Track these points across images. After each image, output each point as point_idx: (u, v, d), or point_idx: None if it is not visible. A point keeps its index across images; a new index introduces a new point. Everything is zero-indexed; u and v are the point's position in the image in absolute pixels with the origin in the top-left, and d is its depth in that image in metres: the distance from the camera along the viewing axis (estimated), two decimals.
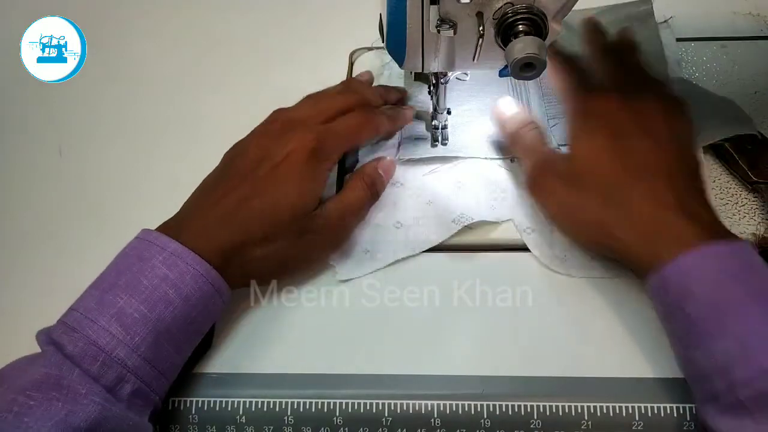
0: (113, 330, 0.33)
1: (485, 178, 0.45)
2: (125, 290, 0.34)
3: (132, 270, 0.35)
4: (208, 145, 0.49)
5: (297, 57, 0.53)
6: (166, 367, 0.35)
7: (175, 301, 0.35)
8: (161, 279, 0.35)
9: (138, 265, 0.35)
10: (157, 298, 0.34)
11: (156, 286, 0.34)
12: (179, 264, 0.35)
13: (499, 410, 0.37)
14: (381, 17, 0.39)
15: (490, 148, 0.46)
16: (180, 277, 0.35)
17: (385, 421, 0.37)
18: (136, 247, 0.37)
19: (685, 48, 0.51)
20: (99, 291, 0.35)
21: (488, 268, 0.42)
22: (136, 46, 0.55)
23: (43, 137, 0.51)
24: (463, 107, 0.48)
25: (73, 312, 0.34)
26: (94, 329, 0.33)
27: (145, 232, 0.37)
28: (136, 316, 0.34)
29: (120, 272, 0.36)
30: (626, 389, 0.37)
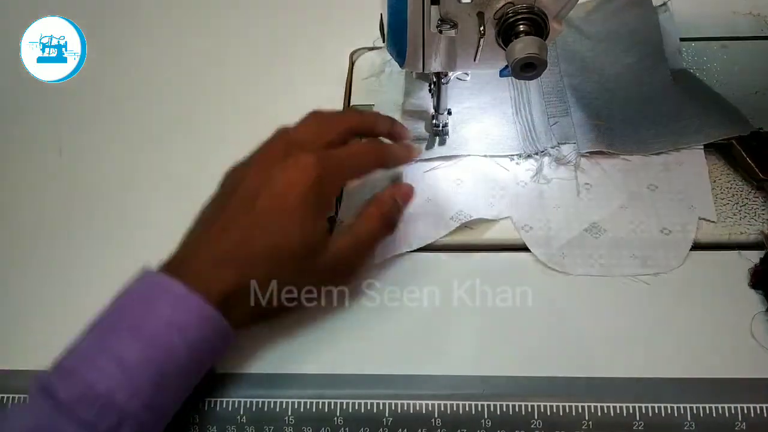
0: (113, 374, 0.31)
1: (484, 176, 0.45)
2: (127, 333, 0.33)
3: (135, 312, 0.34)
4: (208, 145, 0.49)
5: (297, 57, 0.53)
6: (166, 410, 0.34)
7: (179, 347, 0.33)
8: (165, 324, 0.33)
9: (141, 308, 0.34)
10: (161, 343, 0.33)
11: (160, 331, 0.33)
12: (184, 308, 0.34)
13: (500, 410, 0.37)
14: (381, 17, 0.39)
15: (490, 146, 0.46)
16: (185, 322, 0.33)
17: (386, 421, 0.37)
18: (139, 288, 0.35)
19: (686, 48, 0.51)
20: (99, 331, 0.33)
21: (488, 268, 0.42)
22: (136, 46, 0.55)
23: (43, 137, 0.51)
24: (463, 105, 0.48)
25: (70, 353, 0.33)
26: (92, 373, 0.31)
27: (148, 273, 0.36)
28: (138, 362, 0.32)
29: (122, 314, 0.34)
30: (626, 389, 0.37)
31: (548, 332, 0.39)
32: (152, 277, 0.35)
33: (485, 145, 0.46)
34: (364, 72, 0.52)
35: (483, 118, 0.47)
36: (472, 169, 0.45)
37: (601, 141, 0.45)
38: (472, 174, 0.45)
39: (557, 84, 0.49)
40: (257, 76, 0.53)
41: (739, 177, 0.44)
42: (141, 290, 0.35)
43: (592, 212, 0.43)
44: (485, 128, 0.47)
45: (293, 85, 0.52)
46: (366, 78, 0.52)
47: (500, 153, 0.46)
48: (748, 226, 0.42)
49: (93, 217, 0.47)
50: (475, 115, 0.48)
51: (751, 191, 0.43)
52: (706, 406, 0.36)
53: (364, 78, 0.52)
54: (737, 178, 0.44)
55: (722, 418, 0.35)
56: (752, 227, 0.42)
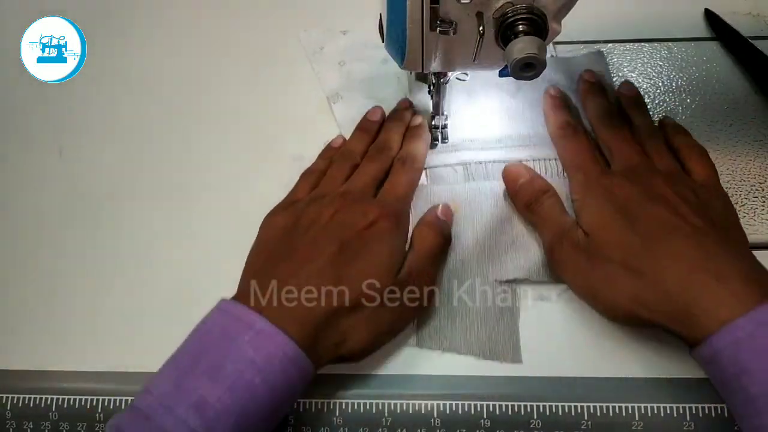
0: (192, 423, 0.29)
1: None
2: (207, 374, 0.31)
3: (215, 350, 0.32)
4: (208, 145, 0.49)
5: (297, 57, 0.53)
6: None
7: (261, 390, 0.31)
8: (247, 364, 0.31)
9: (222, 345, 0.32)
10: (242, 387, 0.31)
11: (241, 373, 0.31)
12: (267, 346, 0.32)
13: (499, 410, 0.37)
14: (381, 17, 0.39)
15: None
16: (267, 362, 0.31)
17: (385, 421, 0.37)
18: (220, 322, 0.33)
19: (685, 48, 0.51)
20: (178, 371, 0.32)
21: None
22: (136, 46, 0.55)
23: (43, 137, 0.51)
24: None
25: (148, 395, 0.31)
26: (170, 421, 0.30)
27: (228, 305, 0.34)
28: (218, 407, 0.30)
29: (202, 351, 0.32)
30: (626, 389, 0.37)
31: (548, 332, 0.39)
32: (233, 309, 0.33)
33: (485, 143, 0.46)
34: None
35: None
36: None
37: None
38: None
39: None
40: (257, 75, 0.53)
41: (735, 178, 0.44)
42: (222, 325, 0.33)
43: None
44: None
45: (293, 84, 0.52)
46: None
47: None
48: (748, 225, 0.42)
49: (93, 217, 0.47)
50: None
51: (751, 189, 0.44)
52: (706, 406, 0.36)
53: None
54: (734, 179, 0.44)
55: (722, 418, 0.36)
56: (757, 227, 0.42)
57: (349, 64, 0.51)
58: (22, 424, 0.38)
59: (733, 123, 0.47)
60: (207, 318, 0.34)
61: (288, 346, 0.32)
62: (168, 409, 0.30)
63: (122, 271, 0.44)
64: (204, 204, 0.46)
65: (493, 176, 0.44)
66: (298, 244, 0.37)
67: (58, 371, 0.40)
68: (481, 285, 0.41)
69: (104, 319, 0.42)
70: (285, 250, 0.37)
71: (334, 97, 0.50)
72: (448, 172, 0.46)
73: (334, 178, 0.43)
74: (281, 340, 0.32)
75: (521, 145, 0.46)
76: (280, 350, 0.32)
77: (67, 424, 0.38)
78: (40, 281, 0.44)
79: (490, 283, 0.40)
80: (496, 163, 0.45)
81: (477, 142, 0.47)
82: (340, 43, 0.53)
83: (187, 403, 0.30)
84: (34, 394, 0.39)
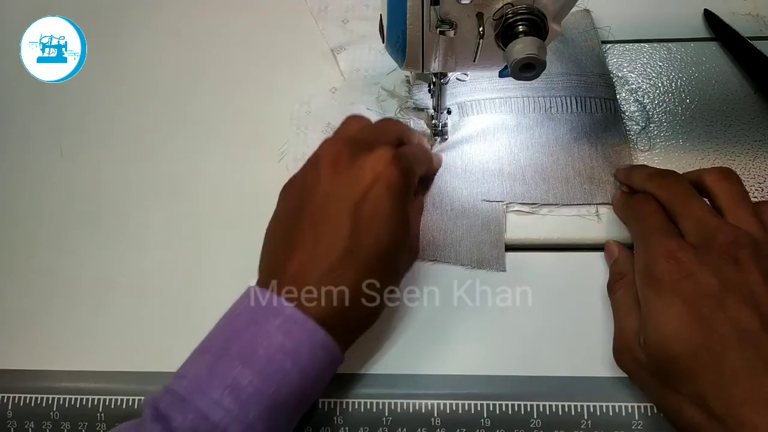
0: (227, 404, 0.30)
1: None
2: (239, 359, 0.31)
3: (245, 335, 0.32)
4: (208, 145, 0.49)
5: (298, 57, 0.53)
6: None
7: (292, 374, 0.32)
8: (277, 348, 0.31)
9: (251, 330, 0.32)
10: (274, 370, 0.31)
11: (272, 357, 0.31)
12: (296, 332, 0.32)
13: (499, 410, 0.37)
14: (381, 18, 0.39)
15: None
16: (297, 346, 0.32)
17: (385, 420, 0.37)
18: (249, 308, 0.33)
19: (685, 48, 0.51)
20: (210, 356, 0.32)
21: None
22: (136, 46, 0.55)
23: (44, 137, 0.51)
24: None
25: (182, 379, 0.32)
26: (206, 402, 0.30)
27: (255, 291, 0.34)
28: (250, 390, 0.31)
29: (232, 336, 0.32)
30: (626, 389, 0.37)
31: (548, 332, 0.39)
32: (261, 294, 0.33)
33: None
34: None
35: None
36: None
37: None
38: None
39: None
40: (257, 75, 0.53)
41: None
42: (250, 310, 0.33)
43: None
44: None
45: (294, 84, 0.52)
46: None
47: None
48: None
49: (93, 217, 0.47)
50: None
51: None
52: None
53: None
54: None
55: None
56: None
57: (352, 22, 0.54)
58: (23, 423, 0.38)
59: (733, 123, 0.47)
60: (236, 305, 0.34)
61: (317, 332, 0.32)
62: (203, 393, 0.30)
63: (123, 271, 0.44)
64: (205, 203, 0.46)
65: (486, 110, 0.47)
66: (307, 221, 0.35)
67: (59, 371, 0.40)
68: (481, 285, 0.41)
69: (104, 318, 0.42)
70: (297, 229, 0.35)
71: (338, 49, 0.53)
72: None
73: (335, 131, 0.40)
74: (309, 327, 0.32)
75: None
76: (309, 335, 0.32)
77: (68, 424, 0.38)
78: (40, 281, 0.44)
79: (490, 282, 0.41)
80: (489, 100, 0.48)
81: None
82: (344, 2, 0.56)
83: (222, 387, 0.30)
84: (35, 394, 0.39)
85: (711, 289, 0.31)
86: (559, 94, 0.48)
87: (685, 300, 0.31)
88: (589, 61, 0.50)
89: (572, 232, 0.43)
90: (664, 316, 0.32)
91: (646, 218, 0.37)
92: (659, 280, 0.33)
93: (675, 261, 0.33)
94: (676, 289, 0.32)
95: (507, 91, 0.48)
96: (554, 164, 0.45)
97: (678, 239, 0.34)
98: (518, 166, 0.45)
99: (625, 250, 0.40)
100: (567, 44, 0.49)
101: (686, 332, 0.31)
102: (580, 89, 0.48)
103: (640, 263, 0.35)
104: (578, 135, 0.46)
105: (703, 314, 0.31)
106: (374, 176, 0.35)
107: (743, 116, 0.47)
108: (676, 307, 0.32)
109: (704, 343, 0.30)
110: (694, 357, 0.30)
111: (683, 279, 0.32)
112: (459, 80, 0.48)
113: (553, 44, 0.48)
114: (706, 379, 0.30)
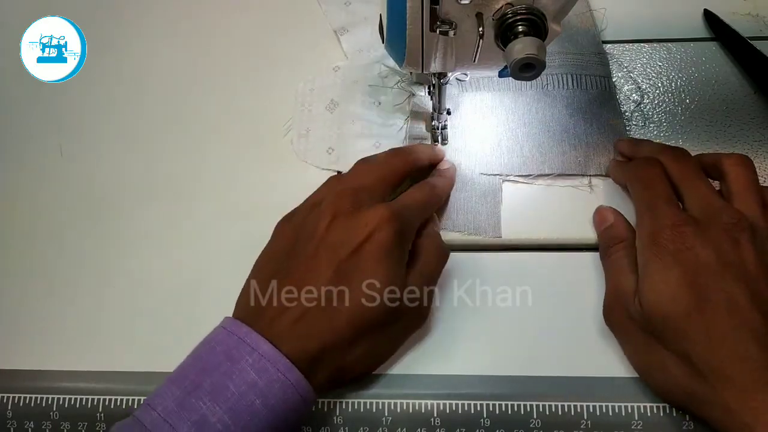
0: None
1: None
2: (210, 395, 0.31)
3: (219, 370, 0.32)
4: (208, 145, 0.49)
5: (298, 57, 0.53)
6: None
7: (261, 413, 0.31)
8: (249, 386, 0.31)
9: (225, 366, 0.32)
10: (243, 408, 0.31)
11: (243, 394, 0.31)
12: (269, 370, 0.32)
13: (499, 410, 0.37)
14: (381, 17, 0.39)
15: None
16: (268, 385, 0.32)
17: (385, 420, 0.37)
18: (225, 342, 0.33)
19: (685, 48, 0.51)
20: (181, 390, 0.32)
21: (488, 268, 0.42)
22: (136, 46, 0.55)
23: (44, 137, 0.51)
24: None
25: (151, 411, 0.31)
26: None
27: (232, 324, 0.34)
28: (218, 428, 0.31)
29: (205, 371, 0.32)
30: (626, 389, 0.37)
31: (548, 332, 0.39)
32: (238, 330, 0.33)
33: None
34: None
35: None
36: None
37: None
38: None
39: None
40: (257, 75, 0.53)
41: None
42: (226, 345, 0.33)
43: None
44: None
45: (294, 84, 0.52)
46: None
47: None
48: None
49: (93, 217, 0.47)
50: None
51: None
52: None
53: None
54: None
55: None
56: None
57: (354, 3, 0.55)
58: (23, 423, 0.38)
59: (733, 123, 0.47)
60: (211, 336, 0.34)
61: (290, 372, 0.32)
62: (171, 427, 0.30)
63: (122, 271, 0.44)
64: (205, 203, 0.46)
65: (485, 88, 0.49)
66: (297, 264, 0.36)
67: (59, 371, 0.40)
68: (481, 285, 0.41)
69: (104, 318, 0.42)
70: (285, 268, 0.36)
71: (340, 30, 0.54)
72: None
73: (342, 177, 0.41)
74: (283, 366, 0.32)
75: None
76: (282, 375, 0.32)
77: (68, 424, 0.38)
78: (40, 281, 0.44)
79: (490, 282, 0.41)
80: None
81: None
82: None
83: (190, 422, 0.31)
84: (35, 394, 0.39)
85: (710, 262, 0.33)
86: (555, 72, 0.49)
87: (685, 268, 0.34)
88: (584, 40, 0.51)
89: (572, 232, 0.43)
90: (662, 279, 0.34)
91: (655, 185, 0.38)
92: (663, 246, 0.35)
93: (680, 233, 0.34)
94: (677, 257, 0.34)
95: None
96: (550, 139, 0.46)
97: (684, 212, 0.36)
98: (516, 141, 0.46)
99: (620, 216, 0.41)
100: (563, 24, 0.50)
101: (682, 295, 0.33)
102: (576, 67, 0.49)
103: (645, 229, 0.37)
104: (574, 111, 0.47)
105: (699, 283, 0.33)
106: (367, 233, 0.35)
107: (743, 116, 0.47)
108: (675, 273, 0.34)
109: (697, 307, 0.33)
110: (685, 318, 0.33)
111: (686, 250, 0.34)
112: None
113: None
114: (694, 340, 0.32)
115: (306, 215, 0.38)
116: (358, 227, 0.35)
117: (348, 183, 0.39)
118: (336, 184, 0.39)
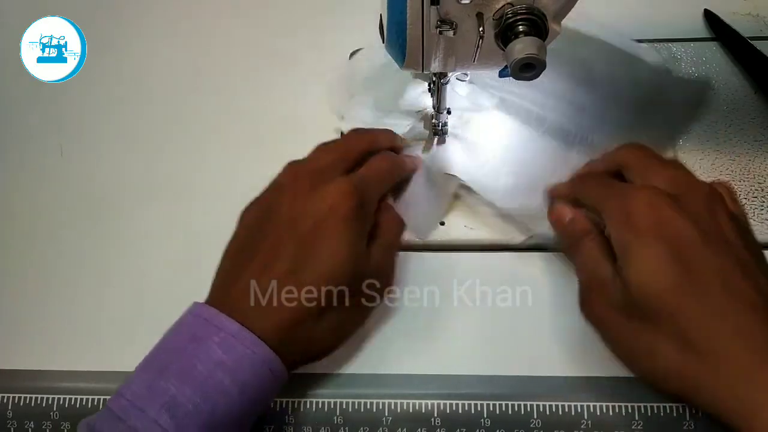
0: (163, 422, 0.30)
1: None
2: (178, 376, 0.31)
3: (185, 352, 0.32)
4: (208, 145, 0.49)
5: (298, 57, 0.53)
6: None
7: (231, 390, 0.32)
8: (216, 364, 0.32)
9: (192, 347, 0.32)
10: (212, 387, 0.31)
11: (211, 373, 0.31)
12: (237, 347, 0.32)
13: (499, 410, 0.37)
14: (381, 18, 0.39)
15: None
16: (237, 361, 0.32)
17: (385, 420, 0.37)
18: (190, 324, 0.34)
19: (685, 48, 0.51)
20: (149, 375, 0.32)
21: (488, 268, 0.42)
22: (136, 46, 0.55)
23: (44, 137, 0.51)
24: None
25: (121, 398, 0.32)
26: (142, 421, 0.30)
27: (199, 308, 0.34)
28: (188, 408, 0.31)
29: (172, 353, 0.33)
30: (626, 389, 0.37)
31: (548, 332, 0.39)
32: (204, 312, 0.34)
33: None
34: (364, 70, 0.52)
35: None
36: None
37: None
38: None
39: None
40: (257, 75, 0.53)
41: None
42: (192, 327, 0.34)
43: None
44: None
45: (294, 85, 0.52)
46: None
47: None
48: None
49: (93, 217, 0.47)
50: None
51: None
52: None
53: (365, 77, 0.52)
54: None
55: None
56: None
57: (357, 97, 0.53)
58: (23, 423, 0.38)
59: (733, 123, 0.47)
60: (179, 321, 0.35)
61: (258, 347, 0.33)
62: (140, 411, 0.31)
63: (122, 271, 0.44)
64: (204, 203, 0.46)
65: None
66: (261, 244, 0.36)
67: (59, 371, 0.40)
68: (481, 285, 0.41)
69: (104, 318, 0.42)
70: (250, 250, 0.37)
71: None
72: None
73: (305, 160, 0.41)
74: (250, 342, 0.32)
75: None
76: (250, 351, 0.32)
77: (68, 424, 0.38)
78: (40, 281, 0.44)
79: (490, 282, 0.40)
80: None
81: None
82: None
83: (159, 404, 0.31)
84: (35, 394, 0.39)
85: (692, 234, 0.32)
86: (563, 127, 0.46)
87: (668, 242, 0.32)
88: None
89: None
90: (646, 256, 0.32)
91: (612, 184, 0.38)
92: (640, 223, 0.33)
93: (656, 207, 0.33)
94: (657, 232, 0.32)
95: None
96: (527, 175, 0.44)
97: (656, 188, 0.35)
98: (503, 164, 0.45)
99: (579, 209, 0.39)
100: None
101: (669, 269, 0.31)
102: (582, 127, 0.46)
103: (616, 215, 0.35)
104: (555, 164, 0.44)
105: (685, 255, 0.32)
106: (328, 207, 0.36)
107: (743, 116, 0.47)
108: (659, 248, 0.32)
109: (688, 279, 0.31)
110: (676, 292, 0.31)
111: (665, 223, 0.32)
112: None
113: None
114: (688, 314, 0.31)
115: (267, 199, 0.39)
116: (318, 202, 0.36)
117: (307, 165, 0.40)
118: (295, 168, 0.40)
